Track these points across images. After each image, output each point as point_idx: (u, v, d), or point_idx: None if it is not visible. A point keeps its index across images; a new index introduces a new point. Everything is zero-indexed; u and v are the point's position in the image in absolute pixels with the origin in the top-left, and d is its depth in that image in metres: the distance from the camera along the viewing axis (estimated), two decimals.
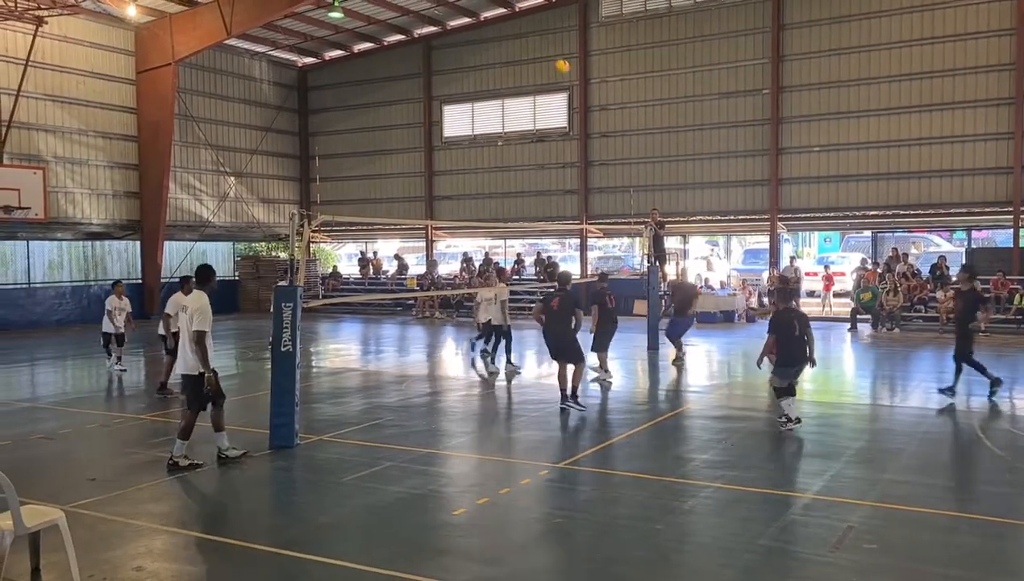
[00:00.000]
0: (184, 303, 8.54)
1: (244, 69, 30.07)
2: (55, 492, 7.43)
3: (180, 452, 8.27)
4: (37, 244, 24.75)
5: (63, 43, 24.14)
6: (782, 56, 23.98)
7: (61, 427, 10.47)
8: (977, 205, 22.24)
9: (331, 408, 11.96)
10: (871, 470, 8.35)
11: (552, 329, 11.28)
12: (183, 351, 8.24)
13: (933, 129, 22.44)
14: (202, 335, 8.02)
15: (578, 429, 10.32)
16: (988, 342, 18.65)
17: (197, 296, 8.26)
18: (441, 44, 29.28)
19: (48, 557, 5.80)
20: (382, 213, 29.90)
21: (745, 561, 5.90)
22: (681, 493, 7.51)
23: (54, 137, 24.23)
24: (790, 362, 9.82)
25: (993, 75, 21.63)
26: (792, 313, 10.10)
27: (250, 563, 6.05)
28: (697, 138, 25.33)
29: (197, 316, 8.03)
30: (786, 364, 9.82)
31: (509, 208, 28.27)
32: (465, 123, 29.11)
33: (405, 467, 8.39)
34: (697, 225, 26.10)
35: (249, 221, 30.44)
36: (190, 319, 8.11)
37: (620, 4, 26.18)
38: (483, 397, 12.72)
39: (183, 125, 27.62)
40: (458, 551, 6.23)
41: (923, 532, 6.49)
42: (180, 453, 8.27)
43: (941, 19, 22.16)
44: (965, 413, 11.21)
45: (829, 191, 23.89)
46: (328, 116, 31.77)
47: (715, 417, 10.95)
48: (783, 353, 9.80)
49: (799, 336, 9.78)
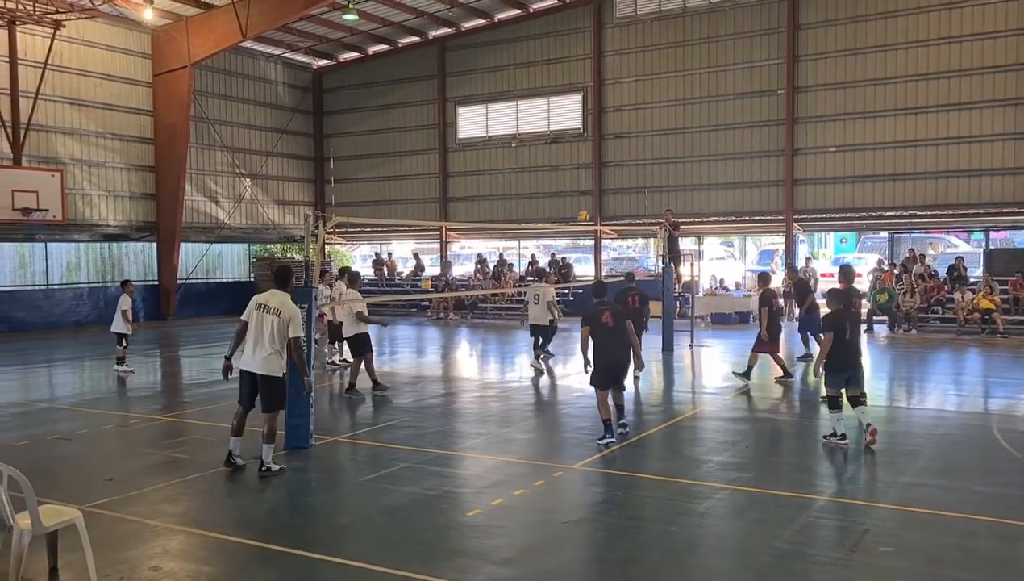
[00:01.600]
0: (269, 304, 8.11)
1: (259, 71, 30.24)
2: (72, 492, 7.49)
3: (269, 457, 8.16)
4: (55, 246, 24.99)
5: (81, 46, 24.37)
6: (797, 56, 23.85)
7: (78, 427, 10.56)
8: (995, 205, 22.03)
9: (346, 409, 12.00)
10: (888, 472, 8.29)
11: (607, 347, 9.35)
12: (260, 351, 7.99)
13: (951, 129, 22.26)
14: (300, 341, 8.08)
15: (592, 431, 10.30)
16: (1006, 344, 18.50)
17: (284, 298, 8.09)
18: (455, 46, 29.33)
19: (65, 557, 5.85)
20: (396, 214, 29.99)
21: (760, 563, 5.87)
22: (696, 495, 7.48)
23: (72, 139, 24.46)
24: (840, 367, 9.09)
25: (1011, 75, 21.43)
26: (847, 314, 9.29)
27: (265, 563, 6.08)
28: (712, 139, 25.23)
29: (293, 322, 7.97)
30: (833, 371, 9.11)
31: (523, 209, 28.27)
32: (479, 124, 29.15)
33: (420, 468, 8.40)
34: (712, 226, 26.01)
35: (264, 223, 30.60)
36: (284, 324, 7.93)
37: (635, 5, 26.13)
38: (498, 398, 12.72)
39: (199, 127, 27.81)
40: (472, 552, 6.23)
41: (940, 535, 6.44)
42: (270, 458, 8.16)
43: (958, 18, 21.98)
44: (982, 415, 11.10)
45: (845, 191, 23.74)
46: (343, 118, 31.89)
47: (730, 419, 10.90)
48: (834, 357, 9.06)
49: (851, 339, 9.14)
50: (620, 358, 9.46)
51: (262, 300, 8.14)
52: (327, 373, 15.05)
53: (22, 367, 16.71)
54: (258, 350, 8.01)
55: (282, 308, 8.04)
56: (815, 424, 10.81)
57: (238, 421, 8.25)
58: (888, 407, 11.96)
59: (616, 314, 9.55)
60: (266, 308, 8.07)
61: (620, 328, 9.44)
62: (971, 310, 20.22)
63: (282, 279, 8.26)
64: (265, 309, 8.07)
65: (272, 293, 8.17)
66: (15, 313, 23.28)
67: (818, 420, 11.03)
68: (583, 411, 11.47)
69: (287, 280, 8.26)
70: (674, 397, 13.15)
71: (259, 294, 8.29)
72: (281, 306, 8.05)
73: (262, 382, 8.07)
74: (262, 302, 8.11)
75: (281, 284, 8.22)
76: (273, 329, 7.99)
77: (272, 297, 8.13)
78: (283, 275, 8.30)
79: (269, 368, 8.04)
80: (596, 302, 9.68)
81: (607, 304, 9.73)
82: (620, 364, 9.50)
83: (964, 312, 20.24)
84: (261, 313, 8.07)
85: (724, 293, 24.51)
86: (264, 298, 8.17)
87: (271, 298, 8.13)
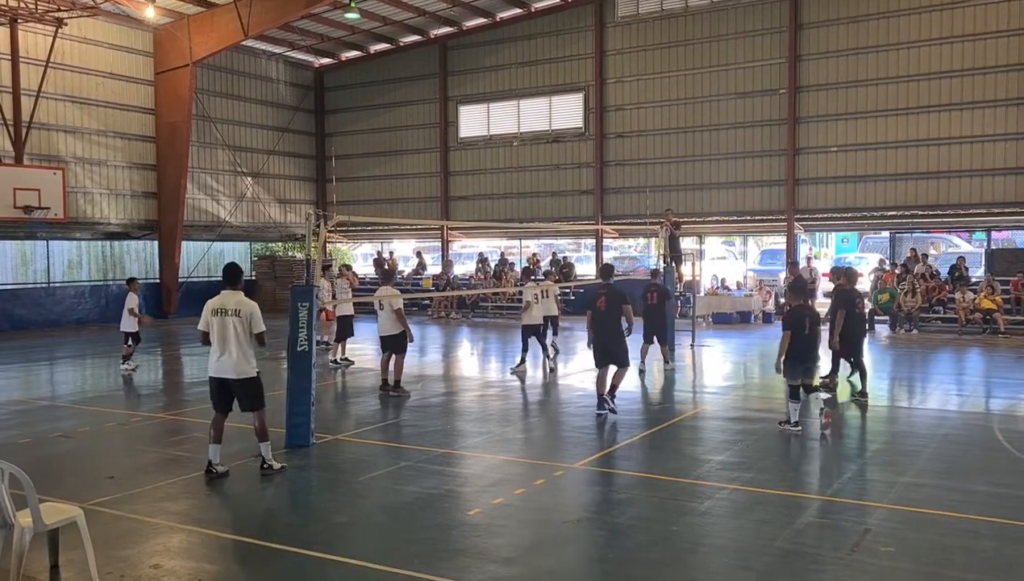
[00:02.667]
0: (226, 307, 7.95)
1: (261, 70, 30.24)
2: (74, 490, 7.50)
3: (269, 455, 8.12)
4: (56, 244, 25.00)
5: (82, 44, 24.38)
6: (799, 56, 23.83)
7: (80, 425, 10.57)
8: (997, 205, 22.00)
9: (347, 407, 12.00)
10: (889, 472, 8.29)
11: (599, 330, 10.31)
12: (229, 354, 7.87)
13: (952, 129, 22.24)
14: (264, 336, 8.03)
15: (594, 430, 10.30)
16: (1008, 344, 18.49)
17: (239, 298, 7.98)
18: (457, 45, 29.32)
19: (67, 554, 5.86)
20: (398, 213, 29.99)
21: (761, 563, 5.87)
22: (697, 495, 7.48)
23: (73, 138, 24.46)
24: (796, 360, 9.65)
25: (1013, 74, 21.40)
26: (805, 310, 9.92)
27: (266, 562, 6.08)
28: (713, 138, 25.22)
29: (255, 319, 7.87)
30: (792, 362, 9.65)
31: (524, 208, 28.26)
32: (481, 123, 29.14)
33: (421, 467, 8.40)
34: (713, 225, 25.99)
35: (266, 221, 30.61)
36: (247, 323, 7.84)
37: (636, 4, 26.11)
38: (499, 397, 12.72)
39: (200, 126, 27.82)
40: (474, 551, 6.23)
41: (942, 535, 6.43)
42: (270, 456, 8.12)
43: (960, 18, 21.95)
44: (984, 415, 11.09)
45: (847, 191, 23.72)
46: (344, 117, 31.89)
47: (731, 418, 10.89)
48: (793, 351, 9.64)
49: (810, 334, 9.69)
50: (611, 340, 10.12)
51: (217, 305, 7.93)
52: (330, 372, 15.06)
53: (24, 365, 16.72)
54: (227, 355, 7.84)
55: (240, 307, 7.87)
56: (817, 424, 10.80)
57: (216, 429, 8.05)
58: (890, 407, 11.95)
59: (610, 299, 10.23)
60: (224, 312, 7.87)
61: (613, 313, 10.13)
62: (972, 310, 20.21)
63: (233, 278, 8.04)
64: (223, 313, 7.87)
65: (224, 295, 7.97)
66: (17, 311, 23.30)
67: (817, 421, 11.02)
68: (584, 410, 11.47)
69: (238, 278, 8.08)
70: (675, 396, 13.14)
71: (211, 299, 8.04)
72: (239, 306, 7.88)
73: (238, 386, 7.93)
74: (217, 307, 7.91)
75: (232, 283, 8.02)
76: (237, 331, 7.83)
77: (227, 299, 7.93)
78: (234, 274, 8.07)
79: (242, 371, 7.89)
80: (598, 286, 10.45)
81: (605, 288, 10.40)
82: (611, 345, 10.14)
83: (965, 312, 20.22)
84: (220, 318, 7.86)
85: (725, 293, 24.50)
86: (219, 302, 7.94)
87: (226, 300, 7.92)
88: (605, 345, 10.31)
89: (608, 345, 10.29)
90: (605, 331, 10.27)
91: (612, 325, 10.22)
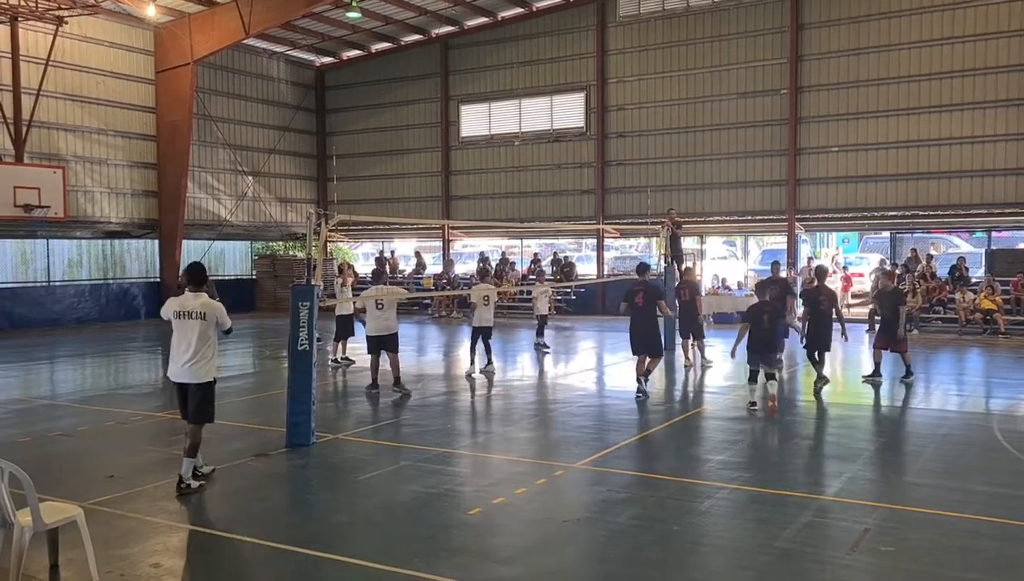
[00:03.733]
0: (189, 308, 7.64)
1: (262, 69, 30.24)
2: (73, 489, 7.49)
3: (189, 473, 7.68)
4: (56, 243, 25.00)
5: (83, 43, 24.37)
6: (800, 56, 23.81)
7: (79, 424, 10.57)
8: (997, 206, 21.99)
9: (348, 407, 12.00)
10: (889, 472, 8.29)
11: (638, 323, 11.47)
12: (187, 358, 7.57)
13: (953, 129, 22.22)
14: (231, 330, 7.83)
15: (594, 429, 10.30)
16: (1008, 344, 18.48)
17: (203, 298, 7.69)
18: (458, 44, 29.31)
19: (66, 553, 5.86)
20: (399, 213, 29.98)
21: (761, 563, 5.87)
22: (697, 494, 7.47)
23: (74, 136, 24.46)
24: (753, 349, 11.00)
25: (1014, 75, 21.39)
26: (766, 306, 11.26)
27: (266, 561, 6.08)
28: (715, 138, 25.21)
29: (221, 317, 7.65)
30: (751, 350, 11.03)
31: (526, 208, 28.25)
32: (482, 123, 29.13)
33: (421, 466, 8.40)
34: (714, 225, 25.99)
35: (266, 220, 30.60)
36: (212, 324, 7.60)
37: (638, 4, 26.10)
38: (499, 396, 12.72)
39: (201, 125, 27.81)
40: (473, 550, 6.22)
41: (942, 536, 6.42)
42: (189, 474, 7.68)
43: (962, 19, 21.93)
44: (984, 416, 11.08)
45: (848, 191, 23.71)
46: (345, 116, 31.89)
47: (731, 418, 10.89)
48: (751, 341, 11.00)
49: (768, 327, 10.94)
50: (648, 331, 11.38)
51: (178, 306, 7.64)
52: (331, 371, 15.06)
53: (24, 364, 16.72)
54: (185, 358, 7.56)
55: (205, 309, 7.59)
56: (816, 424, 10.81)
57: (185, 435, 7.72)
58: (890, 407, 11.95)
59: (647, 295, 11.55)
60: (188, 314, 7.59)
61: (650, 307, 11.44)
62: (973, 310, 20.20)
63: (197, 278, 7.75)
64: (187, 315, 7.59)
65: (187, 297, 7.67)
66: (17, 310, 23.30)
67: (819, 421, 11.03)
68: (584, 410, 11.48)
69: (202, 279, 7.79)
70: (675, 396, 13.14)
71: (172, 299, 7.77)
72: (204, 307, 7.60)
73: (192, 391, 7.61)
74: (179, 309, 7.63)
75: (197, 284, 7.72)
76: (200, 334, 7.55)
77: (190, 301, 7.64)
78: (197, 275, 7.78)
79: (199, 375, 7.58)
80: (635, 282, 11.71)
81: (642, 285, 11.66)
82: (647, 336, 11.41)
83: (966, 312, 20.22)
84: (183, 320, 7.59)
85: (726, 292, 24.48)
86: (180, 303, 7.66)
87: (190, 301, 7.63)
88: (642, 336, 11.45)
89: (645, 336, 11.42)
90: (643, 324, 11.41)
91: (649, 318, 11.37)
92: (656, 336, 11.71)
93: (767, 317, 11.02)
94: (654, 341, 11.72)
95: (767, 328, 10.95)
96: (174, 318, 7.66)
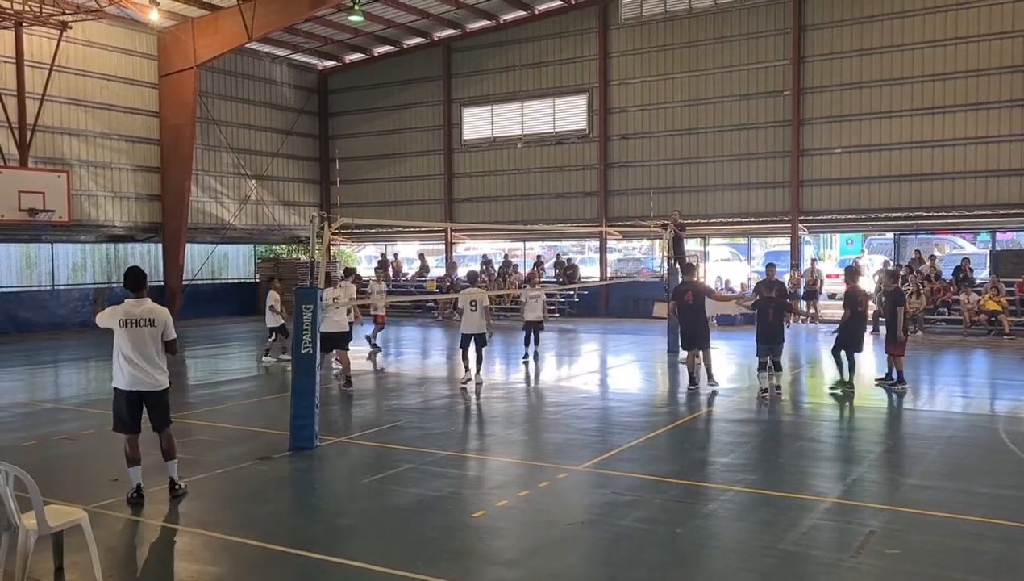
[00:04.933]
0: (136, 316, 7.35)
1: (265, 73, 30.30)
2: (78, 492, 7.51)
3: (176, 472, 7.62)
4: (61, 246, 25.05)
5: (87, 48, 24.45)
6: (803, 57, 23.80)
7: (83, 428, 10.58)
8: (1002, 206, 21.96)
9: (351, 410, 12.00)
10: (894, 474, 8.27)
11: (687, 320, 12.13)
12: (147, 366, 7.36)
13: (957, 130, 22.19)
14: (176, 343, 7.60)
15: (598, 432, 10.29)
16: (1013, 346, 18.43)
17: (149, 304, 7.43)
18: (461, 47, 29.35)
19: (71, 557, 5.86)
20: (402, 216, 30.02)
21: (765, 565, 5.85)
22: (701, 496, 7.46)
23: (78, 140, 24.53)
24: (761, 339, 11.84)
25: (1018, 76, 21.36)
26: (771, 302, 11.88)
27: (270, 564, 6.08)
28: (717, 140, 25.20)
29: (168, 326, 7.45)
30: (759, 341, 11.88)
31: (528, 210, 28.27)
32: (485, 126, 29.16)
33: (425, 469, 8.39)
34: (717, 227, 25.98)
35: (269, 223, 30.65)
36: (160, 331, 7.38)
37: (640, 6, 26.12)
38: (502, 399, 12.72)
39: (204, 128, 27.88)
40: (477, 553, 6.22)
41: (946, 538, 6.40)
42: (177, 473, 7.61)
43: (964, 19, 21.91)
44: (989, 417, 11.05)
45: (851, 193, 23.68)
46: (348, 119, 31.94)
47: (735, 420, 10.87)
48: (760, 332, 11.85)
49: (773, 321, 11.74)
50: (697, 327, 11.99)
51: (123, 315, 7.29)
52: (333, 375, 15.06)
53: (28, 367, 16.76)
54: (143, 367, 7.31)
55: (153, 316, 7.35)
56: (819, 426, 10.79)
57: (133, 448, 7.42)
58: (895, 409, 11.92)
59: (696, 294, 12.34)
60: (135, 322, 7.28)
61: (699, 304, 12.13)
62: (977, 311, 20.16)
63: (137, 284, 7.46)
64: (135, 322, 7.28)
65: (130, 303, 7.36)
66: (21, 313, 23.36)
67: (824, 423, 11.01)
68: (587, 412, 11.48)
69: (143, 284, 7.49)
70: (679, 398, 13.12)
71: (114, 308, 7.37)
72: (150, 314, 7.35)
73: (155, 399, 7.43)
74: (125, 317, 7.32)
75: (137, 290, 7.43)
76: (151, 339, 7.33)
77: (134, 306, 7.35)
78: (138, 279, 7.50)
79: (159, 381, 7.42)
80: (683, 282, 12.31)
81: (690, 285, 12.31)
82: (697, 332, 12.06)
83: (970, 314, 20.18)
84: (132, 328, 7.27)
85: (730, 294, 24.42)
86: (125, 311, 7.31)
87: (135, 308, 7.33)
88: (693, 332, 12.07)
89: (695, 332, 12.07)
90: (693, 320, 12.02)
91: (699, 315, 11.98)
92: (706, 331, 12.36)
93: (772, 311, 11.83)
94: (704, 335, 12.47)
95: (771, 322, 11.73)
96: (119, 327, 7.28)
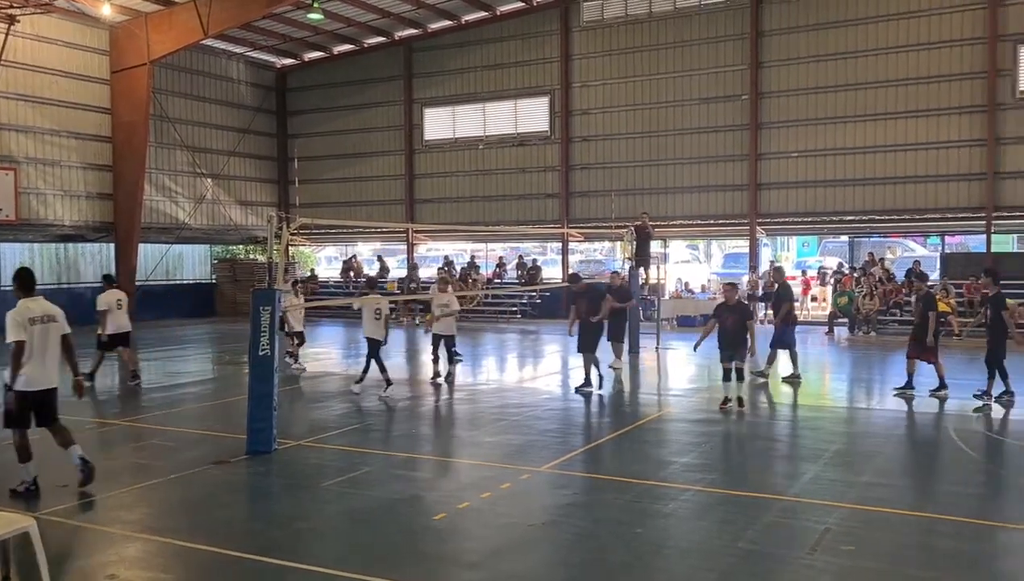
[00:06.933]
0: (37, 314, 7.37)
1: (221, 70, 29.81)
2: (25, 500, 7.29)
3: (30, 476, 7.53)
4: (7, 246, 24.28)
5: (36, 42, 23.79)
6: (761, 62, 24.14)
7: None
8: (951, 210, 22.51)
9: (310, 413, 11.85)
10: (848, 472, 8.40)
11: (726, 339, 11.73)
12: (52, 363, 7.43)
13: (909, 135, 22.69)
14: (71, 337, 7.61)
15: (560, 433, 10.30)
16: (961, 346, 18.88)
17: (45, 303, 7.50)
18: (422, 47, 29.21)
19: (18, 566, 5.68)
20: (362, 216, 29.76)
21: (724, 564, 5.90)
22: (661, 496, 7.51)
23: (26, 137, 23.87)
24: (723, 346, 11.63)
25: (967, 82, 21.92)
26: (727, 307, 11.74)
27: (226, 570, 5.97)
28: (677, 142, 25.44)
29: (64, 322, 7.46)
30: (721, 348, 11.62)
31: (490, 211, 28.22)
32: (446, 126, 29.05)
33: (385, 472, 8.32)
34: (677, 229, 26.21)
35: (226, 223, 30.16)
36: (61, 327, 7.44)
37: (601, 9, 26.25)
38: (464, 401, 12.67)
39: (159, 126, 27.32)
40: (439, 556, 6.18)
41: (901, 534, 6.53)
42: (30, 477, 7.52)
43: (916, 27, 22.42)
44: (939, 416, 11.31)
45: (807, 196, 24.08)
46: (307, 118, 31.58)
47: (695, 420, 10.98)
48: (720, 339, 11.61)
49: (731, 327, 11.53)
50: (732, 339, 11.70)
51: (30, 314, 7.28)
52: (293, 377, 14.86)
53: None
54: (49, 365, 7.38)
55: (52, 312, 7.42)
56: (778, 426, 10.95)
57: (27, 445, 7.46)
58: (848, 408, 12.14)
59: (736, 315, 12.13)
60: (39, 319, 7.32)
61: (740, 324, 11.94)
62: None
63: (29, 285, 7.46)
64: (40, 320, 7.32)
65: (27, 303, 7.36)
66: None
67: (781, 422, 11.17)
68: (549, 413, 11.49)
69: (33, 283, 7.54)
70: (640, 399, 13.21)
71: (15, 311, 7.29)
72: (50, 311, 7.43)
73: (52, 396, 7.49)
74: (32, 318, 7.29)
75: (29, 290, 7.44)
76: (54, 336, 7.40)
77: (34, 306, 7.37)
78: (29, 279, 7.51)
79: (57, 379, 7.52)
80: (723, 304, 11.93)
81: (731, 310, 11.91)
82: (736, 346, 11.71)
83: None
84: (38, 325, 7.30)
85: (690, 296, 24.73)
86: (28, 311, 7.29)
87: (35, 308, 7.35)
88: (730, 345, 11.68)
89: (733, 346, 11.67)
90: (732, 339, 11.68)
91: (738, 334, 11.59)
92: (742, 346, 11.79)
93: (731, 319, 11.54)
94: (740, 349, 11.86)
95: (729, 327, 11.48)
96: (29, 326, 7.24)
